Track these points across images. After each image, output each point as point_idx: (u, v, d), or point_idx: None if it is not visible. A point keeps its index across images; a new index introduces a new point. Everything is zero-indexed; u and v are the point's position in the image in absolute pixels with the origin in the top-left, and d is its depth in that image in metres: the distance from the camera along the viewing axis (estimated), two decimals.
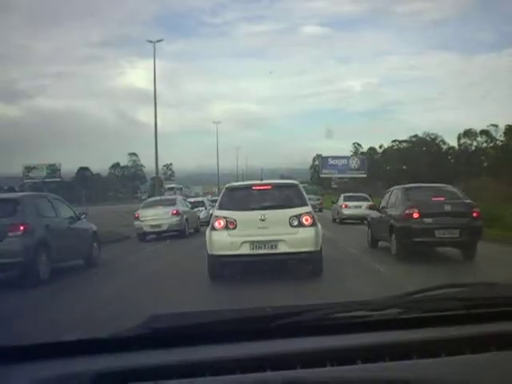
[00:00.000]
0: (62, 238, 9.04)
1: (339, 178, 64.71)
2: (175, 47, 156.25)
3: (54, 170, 68.97)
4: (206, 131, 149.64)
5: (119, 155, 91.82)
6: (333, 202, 23.82)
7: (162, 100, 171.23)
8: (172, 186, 62.33)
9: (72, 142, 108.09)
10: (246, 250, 7.55)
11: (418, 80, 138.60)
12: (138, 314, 1.41)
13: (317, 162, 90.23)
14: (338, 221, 21.80)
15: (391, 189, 11.51)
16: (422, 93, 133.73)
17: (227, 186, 8.76)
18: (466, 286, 1.68)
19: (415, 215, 9.43)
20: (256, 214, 7.68)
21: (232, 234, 7.62)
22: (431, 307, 1.44)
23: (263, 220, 7.62)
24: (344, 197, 22.70)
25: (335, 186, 62.56)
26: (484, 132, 68.92)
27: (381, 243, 11.28)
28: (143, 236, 16.72)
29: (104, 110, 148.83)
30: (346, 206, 21.45)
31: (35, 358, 1.22)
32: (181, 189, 64.07)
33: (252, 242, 7.56)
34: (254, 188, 8.29)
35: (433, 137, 73.51)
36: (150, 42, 32.39)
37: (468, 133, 70.42)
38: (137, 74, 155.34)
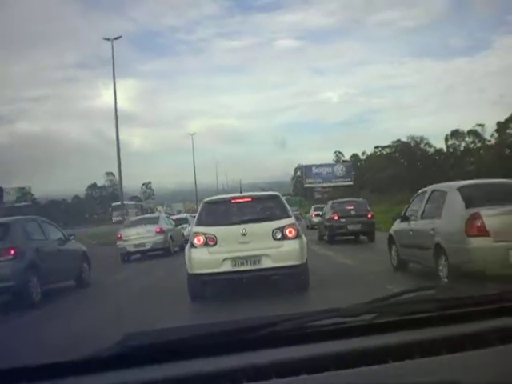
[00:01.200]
0: (52, 259, 9.40)
1: (324, 187, 63.35)
2: (151, 66, 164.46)
3: (24, 193, 68.07)
4: (185, 149, 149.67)
5: (97, 176, 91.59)
6: (306, 213, 30.41)
7: (141, 119, 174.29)
8: (130, 203, 59.83)
9: (47, 164, 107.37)
10: (227, 267, 7.32)
11: (395, 88, 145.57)
12: (116, 334, 1.41)
13: (299, 173, 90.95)
14: (310, 227, 28.45)
15: (329, 202, 19.89)
16: (399, 100, 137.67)
17: (205, 200, 8.43)
18: (438, 287, 1.84)
19: (335, 217, 17.56)
20: (237, 229, 7.45)
21: (212, 251, 7.39)
22: (405, 310, 1.47)
23: (244, 234, 7.41)
24: (314, 207, 30.36)
25: (318, 196, 60.40)
26: (472, 132, 67.58)
27: (325, 237, 18.54)
28: (127, 256, 16.78)
29: (79, 131, 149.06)
30: (315, 215, 27.50)
31: (12, 382, 1.25)
32: (140, 206, 62.49)
33: (234, 259, 7.32)
34: (233, 201, 8.06)
35: (418, 140, 72.77)
36: (107, 39, 29.93)
37: (455, 133, 69.28)
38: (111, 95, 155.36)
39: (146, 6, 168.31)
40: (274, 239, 7.44)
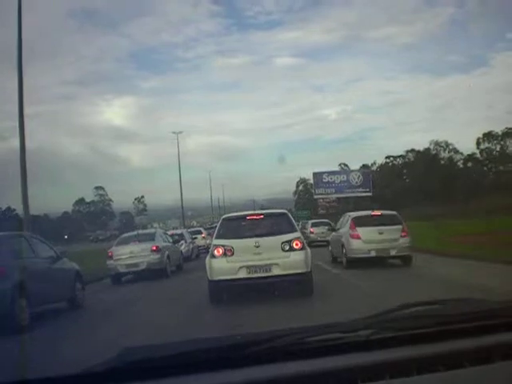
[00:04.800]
0: (42, 279, 9.35)
1: (331, 200, 58.85)
2: (149, 83, 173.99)
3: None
4: (182, 166, 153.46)
5: (85, 190, 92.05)
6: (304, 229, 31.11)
7: (139, 136, 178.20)
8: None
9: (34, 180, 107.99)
10: (243, 274, 9.06)
11: (393, 104, 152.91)
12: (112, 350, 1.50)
13: (301, 187, 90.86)
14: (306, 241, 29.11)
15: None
16: (397, 116, 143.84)
17: (224, 216, 10.55)
18: (436, 303, 1.81)
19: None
20: (251, 241, 9.23)
21: (230, 261, 9.14)
22: (404, 326, 1.56)
23: (257, 246, 9.17)
24: (311, 223, 31.19)
25: (322, 211, 55.64)
26: (508, 134, 64.13)
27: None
28: (118, 277, 16.20)
29: (70, 145, 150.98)
30: (312, 231, 29.10)
31: None
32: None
33: (248, 267, 9.08)
34: (248, 218, 9.91)
35: (443, 145, 69.79)
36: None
37: (489, 136, 65.85)
38: (112, 112, 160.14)
39: (144, 23, 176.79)
40: (283, 250, 9.21)
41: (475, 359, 1.41)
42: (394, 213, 15.57)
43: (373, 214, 15.40)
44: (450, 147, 70.54)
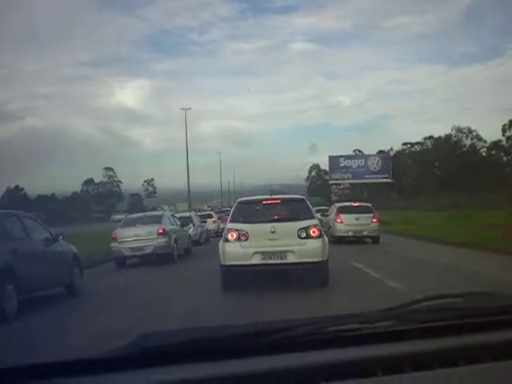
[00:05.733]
0: (35, 263, 8.74)
1: (350, 184, 55.23)
2: (164, 66, 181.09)
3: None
4: (196, 150, 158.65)
5: (94, 171, 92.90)
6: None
7: (151, 119, 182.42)
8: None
9: (42, 160, 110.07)
10: (257, 260, 8.88)
11: (406, 93, 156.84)
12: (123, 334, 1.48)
13: (313, 173, 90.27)
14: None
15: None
16: (410, 106, 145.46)
17: (239, 200, 10.37)
18: (457, 296, 1.78)
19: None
20: (266, 227, 9.01)
21: (244, 246, 8.96)
22: (424, 318, 1.55)
23: (273, 232, 8.94)
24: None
25: (335, 198, 50.76)
26: None
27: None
28: (122, 261, 15.77)
29: (82, 126, 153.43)
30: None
31: (24, 379, 1.33)
32: None
33: (263, 253, 8.89)
34: (264, 202, 9.71)
35: (466, 132, 67.05)
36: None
37: None
38: (125, 94, 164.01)
39: (160, 6, 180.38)
40: (299, 237, 8.97)
41: (497, 354, 1.40)
42: (368, 204, 21.70)
43: (353, 205, 21.46)
44: (474, 133, 68.67)
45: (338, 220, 19.96)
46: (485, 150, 68.44)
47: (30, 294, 8.55)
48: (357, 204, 21.54)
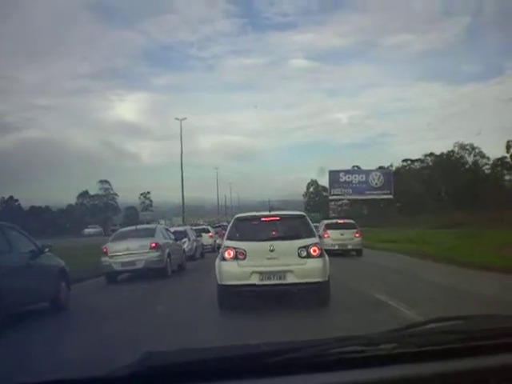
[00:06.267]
0: (18, 277, 8.39)
1: (348, 201, 55.68)
2: (162, 80, 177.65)
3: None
4: (194, 165, 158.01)
5: (91, 185, 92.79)
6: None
7: (149, 132, 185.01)
8: None
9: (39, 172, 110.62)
10: (255, 280, 8.50)
11: (406, 111, 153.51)
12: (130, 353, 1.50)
13: (311, 189, 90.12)
14: None
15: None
16: (410, 124, 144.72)
17: (236, 216, 9.96)
18: (460, 318, 1.78)
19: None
20: (265, 245, 8.66)
21: (241, 265, 8.59)
22: (427, 341, 1.55)
23: (272, 251, 8.58)
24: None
25: (334, 214, 50.38)
26: None
27: None
28: (113, 276, 15.23)
29: (79, 139, 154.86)
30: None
31: None
32: None
33: (261, 273, 8.53)
34: (262, 219, 9.33)
35: (468, 149, 66.23)
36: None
37: None
38: (123, 107, 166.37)
39: (160, 20, 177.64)
40: (299, 257, 8.63)
41: (500, 377, 1.40)
42: (352, 221, 24.32)
43: (338, 221, 24.79)
44: (477, 150, 67.92)
45: (326, 235, 22.27)
46: (488, 167, 68.21)
47: (13, 309, 8.21)
48: (342, 221, 24.95)
